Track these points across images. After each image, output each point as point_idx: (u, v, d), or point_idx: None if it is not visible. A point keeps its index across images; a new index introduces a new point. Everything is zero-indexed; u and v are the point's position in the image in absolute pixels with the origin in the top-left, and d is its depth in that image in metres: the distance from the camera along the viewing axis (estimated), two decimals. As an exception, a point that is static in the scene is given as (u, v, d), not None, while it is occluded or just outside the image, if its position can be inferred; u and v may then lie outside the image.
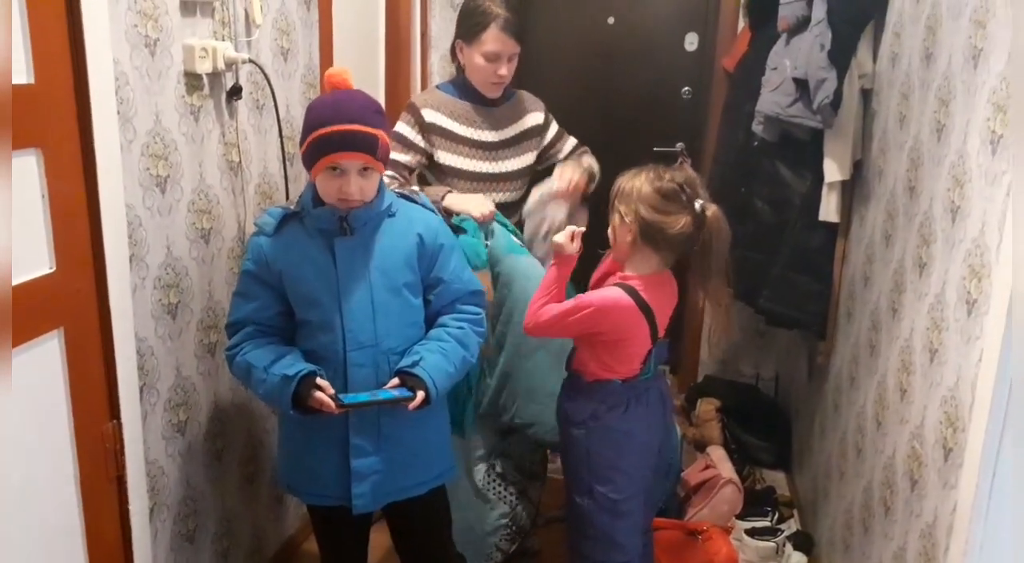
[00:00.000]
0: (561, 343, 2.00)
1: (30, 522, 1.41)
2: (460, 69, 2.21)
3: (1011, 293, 1.29)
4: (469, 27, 2.12)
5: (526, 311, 1.84)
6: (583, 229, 1.83)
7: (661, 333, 1.84)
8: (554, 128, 2.34)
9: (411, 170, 2.19)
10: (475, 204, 2.06)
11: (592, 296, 1.80)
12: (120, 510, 1.65)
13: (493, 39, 2.08)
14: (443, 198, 2.06)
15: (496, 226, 2.09)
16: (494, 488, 2.23)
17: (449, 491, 1.94)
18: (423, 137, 2.16)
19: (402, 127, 2.16)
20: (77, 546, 1.54)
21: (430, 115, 2.15)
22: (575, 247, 1.81)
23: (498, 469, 2.22)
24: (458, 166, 2.17)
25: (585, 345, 1.87)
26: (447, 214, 2.02)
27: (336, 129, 1.55)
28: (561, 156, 2.34)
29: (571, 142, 2.37)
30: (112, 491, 1.63)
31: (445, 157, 2.17)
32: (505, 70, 2.12)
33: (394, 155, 2.13)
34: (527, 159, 2.28)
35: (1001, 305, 1.31)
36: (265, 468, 2.28)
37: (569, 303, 1.78)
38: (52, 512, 1.48)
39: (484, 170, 2.19)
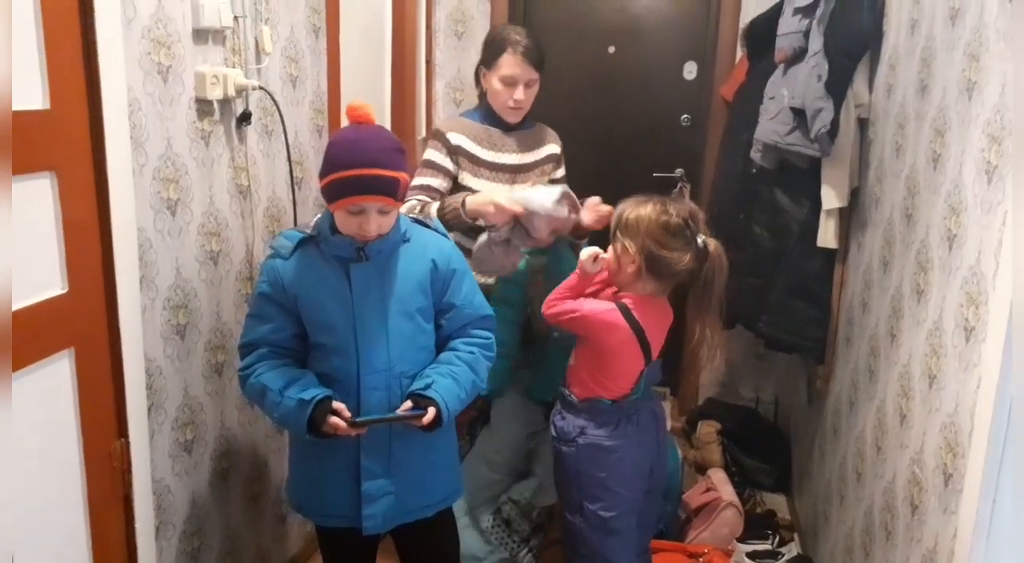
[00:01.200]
0: None
1: (38, 539, 1.42)
2: (483, 95, 2.29)
3: (1008, 324, 1.31)
4: (489, 52, 2.21)
5: None
6: (605, 255, 1.89)
7: (655, 354, 1.87)
8: (562, 171, 2.41)
9: (442, 194, 2.22)
10: (502, 198, 2.04)
11: (585, 305, 1.86)
12: (127, 528, 1.66)
13: (509, 64, 2.16)
14: (463, 204, 2.08)
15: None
16: (497, 533, 2.25)
17: (468, 517, 1.98)
18: (451, 160, 2.23)
19: (432, 153, 2.24)
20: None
21: (455, 138, 2.23)
22: (596, 268, 1.88)
23: (504, 515, 2.23)
24: (480, 188, 2.21)
25: (579, 350, 1.92)
26: (471, 222, 2.08)
27: (357, 174, 1.56)
28: None
29: None
30: (119, 509, 1.64)
31: (468, 179, 2.23)
32: (521, 95, 2.19)
33: (425, 180, 2.20)
34: (543, 183, 2.33)
35: (999, 332, 1.34)
36: (269, 488, 2.29)
37: (569, 304, 1.86)
38: (60, 529, 1.49)
39: None
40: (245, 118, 2.00)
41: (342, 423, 1.60)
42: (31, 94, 1.37)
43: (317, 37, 2.38)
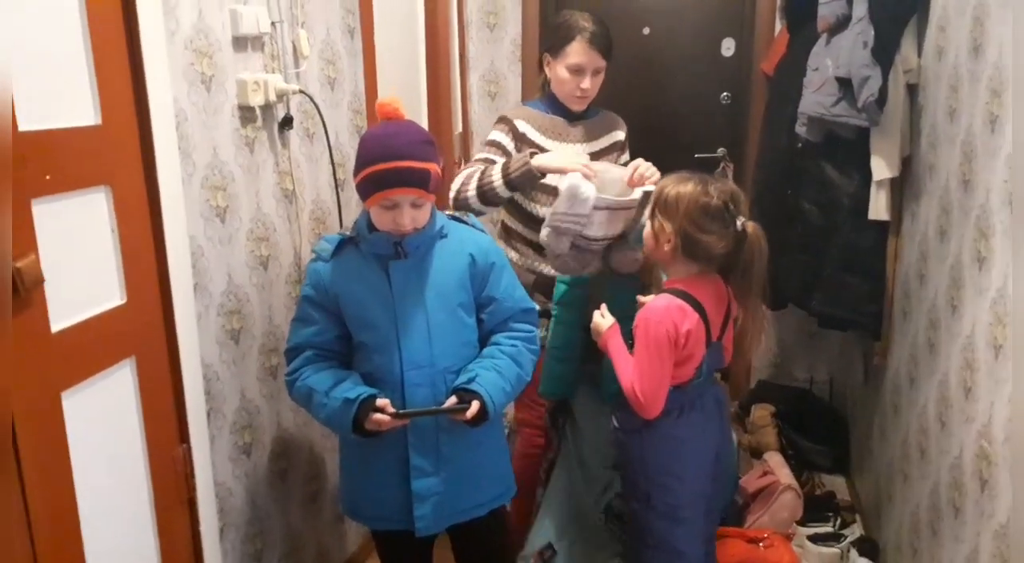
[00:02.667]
0: None
1: (108, 546, 1.46)
2: (546, 83, 2.25)
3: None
4: (556, 40, 2.16)
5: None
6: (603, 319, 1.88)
7: (715, 335, 1.83)
8: (627, 156, 2.36)
9: None
10: (568, 160, 1.99)
11: (640, 318, 1.79)
12: (192, 531, 1.70)
13: (577, 52, 2.11)
14: (531, 159, 2.00)
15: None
16: (611, 529, 2.14)
17: (574, 519, 1.99)
18: (516, 146, 2.19)
19: (497, 135, 2.20)
20: (154, 568, 1.59)
21: (522, 126, 2.20)
22: (608, 321, 1.86)
23: (616, 510, 2.13)
24: (546, 180, 2.12)
25: None
26: (539, 176, 1.99)
27: (388, 167, 1.59)
28: None
29: None
30: (184, 513, 1.68)
31: None
32: (588, 84, 2.15)
33: (487, 154, 2.16)
34: None
35: (1068, 297, 1.29)
36: (327, 487, 2.32)
37: (639, 354, 1.76)
38: (129, 534, 1.53)
39: None
40: (287, 122, 2.02)
41: (385, 418, 1.61)
42: (83, 111, 1.40)
43: (352, 38, 2.39)
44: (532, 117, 2.22)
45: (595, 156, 2.26)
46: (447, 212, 1.83)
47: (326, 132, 2.16)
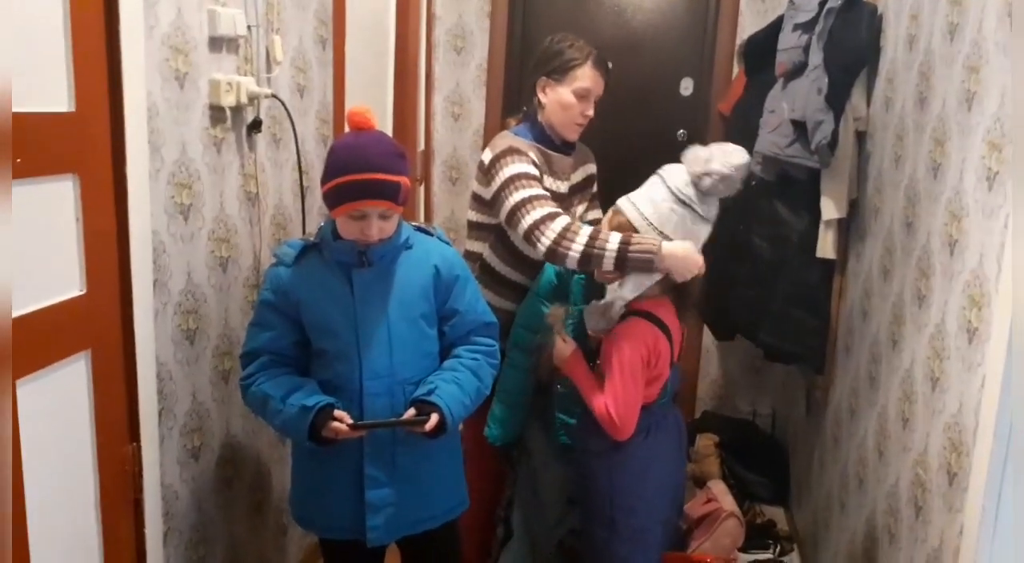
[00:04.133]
0: None
1: (50, 541, 1.41)
2: (536, 111, 2.12)
3: (1012, 317, 1.35)
4: (561, 64, 2.05)
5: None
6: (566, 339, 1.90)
7: (676, 356, 1.88)
8: (595, 187, 2.32)
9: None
10: (696, 261, 1.84)
11: (614, 340, 1.82)
12: (136, 533, 1.65)
13: (588, 76, 2.04)
14: (660, 250, 1.78)
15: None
16: None
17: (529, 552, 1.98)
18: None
19: (527, 168, 1.99)
20: (95, 568, 1.55)
21: (535, 159, 2.05)
22: (570, 348, 1.88)
23: (567, 545, 2.10)
24: None
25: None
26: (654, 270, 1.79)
27: (359, 178, 1.58)
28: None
29: (598, 212, 2.30)
30: (129, 513, 1.63)
31: None
32: (591, 111, 2.08)
33: (537, 189, 1.97)
34: (585, 206, 2.26)
35: (1002, 332, 1.37)
36: (271, 498, 2.28)
37: (612, 375, 1.78)
38: (72, 533, 1.48)
39: None
40: (256, 125, 2.02)
41: (343, 427, 1.59)
42: (58, 96, 1.39)
43: (324, 48, 2.41)
44: (530, 149, 2.06)
45: (576, 188, 2.21)
46: (413, 223, 1.85)
47: (296, 138, 2.17)
